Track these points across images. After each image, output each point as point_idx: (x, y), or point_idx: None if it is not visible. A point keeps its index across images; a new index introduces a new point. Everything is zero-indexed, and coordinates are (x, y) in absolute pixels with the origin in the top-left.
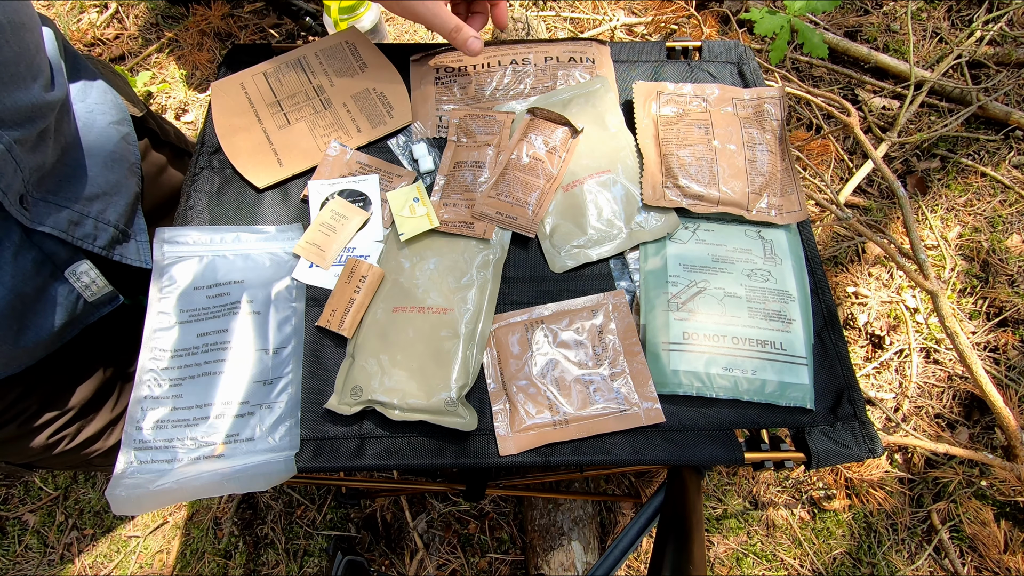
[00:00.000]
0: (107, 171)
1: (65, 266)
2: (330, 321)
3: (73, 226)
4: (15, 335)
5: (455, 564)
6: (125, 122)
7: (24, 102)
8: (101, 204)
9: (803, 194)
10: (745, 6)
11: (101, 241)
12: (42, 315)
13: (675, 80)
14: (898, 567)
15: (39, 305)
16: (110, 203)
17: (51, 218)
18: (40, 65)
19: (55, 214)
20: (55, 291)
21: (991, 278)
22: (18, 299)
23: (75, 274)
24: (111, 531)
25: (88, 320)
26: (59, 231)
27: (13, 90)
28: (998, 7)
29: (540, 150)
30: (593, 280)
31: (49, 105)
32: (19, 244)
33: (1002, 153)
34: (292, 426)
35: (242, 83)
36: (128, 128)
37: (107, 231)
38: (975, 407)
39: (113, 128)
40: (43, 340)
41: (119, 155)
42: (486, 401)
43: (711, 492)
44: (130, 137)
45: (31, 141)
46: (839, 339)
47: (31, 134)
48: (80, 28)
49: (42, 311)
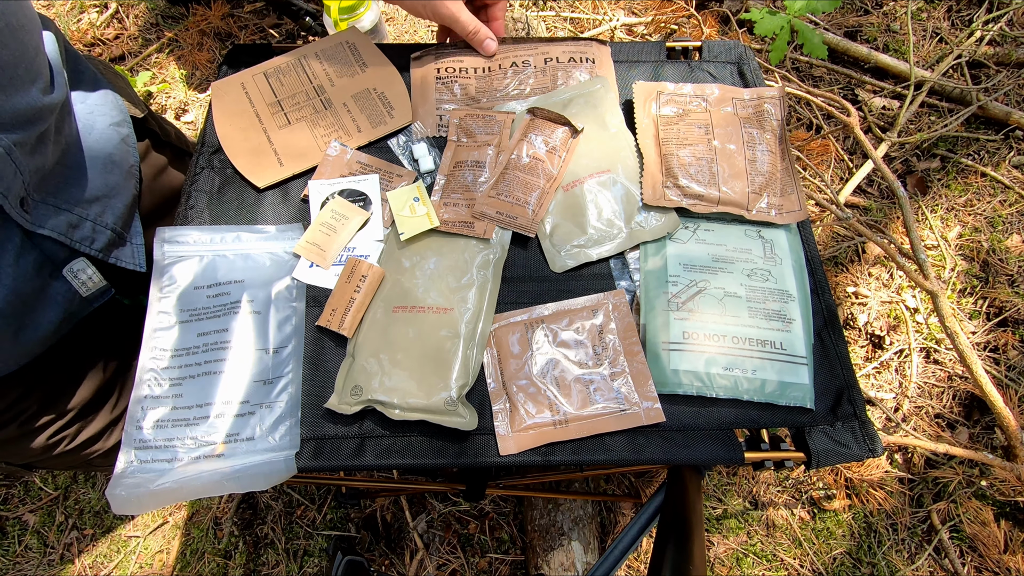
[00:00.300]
0: (106, 174)
1: (63, 265)
2: (330, 321)
3: (72, 229)
4: (14, 333)
5: (455, 564)
6: (125, 124)
7: (23, 105)
8: (99, 207)
9: (803, 194)
10: (745, 6)
11: (99, 244)
12: (40, 313)
13: (675, 80)
14: (898, 567)
15: (38, 303)
16: (108, 206)
17: (51, 221)
18: (40, 68)
19: (54, 217)
20: (54, 289)
21: (991, 278)
22: (18, 299)
23: (72, 272)
24: (111, 531)
25: (82, 314)
26: (58, 234)
27: (12, 93)
28: (998, 7)
29: (540, 150)
30: (593, 280)
31: (48, 108)
32: (20, 246)
33: (1002, 153)
34: (292, 426)
35: (242, 83)
36: (128, 130)
37: (104, 234)
38: (975, 407)
39: (113, 130)
40: (40, 337)
41: (118, 157)
42: (486, 401)
43: (711, 492)
44: (130, 139)
45: (31, 143)
46: (839, 339)
47: (31, 137)
48: (80, 28)
49: (41, 309)
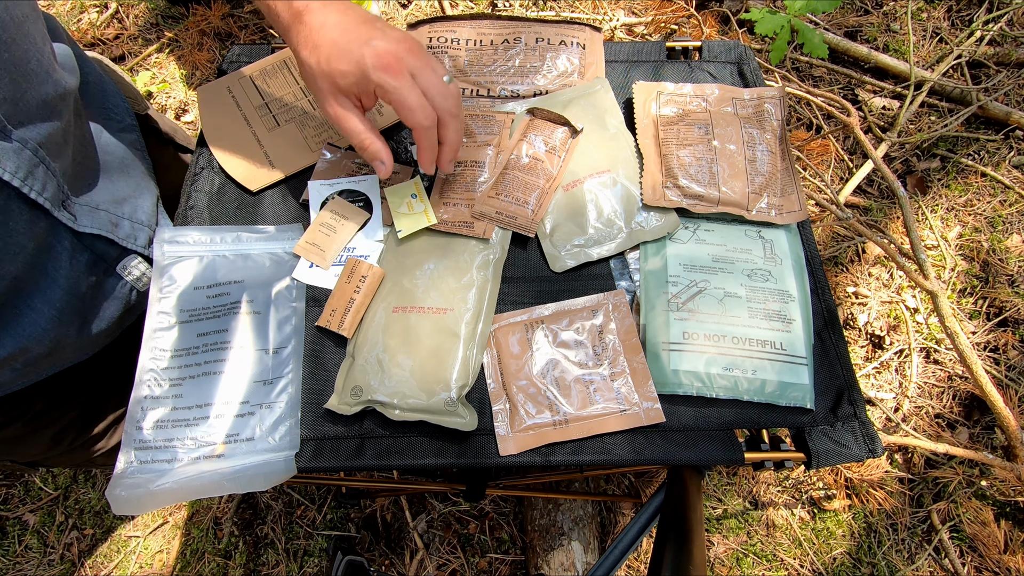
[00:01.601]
0: (125, 175)
1: (115, 263)
2: (330, 321)
3: (113, 227)
4: (77, 329)
5: (455, 564)
6: (132, 128)
7: (42, 96)
8: (130, 207)
9: (803, 194)
10: (745, 6)
11: (142, 240)
12: (101, 308)
13: (675, 80)
14: (898, 567)
15: (96, 300)
16: (137, 205)
17: (94, 221)
18: (49, 56)
19: (95, 216)
20: (110, 286)
21: (991, 278)
22: (75, 297)
23: (126, 269)
24: (111, 531)
25: (142, 307)
26: (105, 231)
27: (27, 88)
28: (998, 7)
29: (540, 150)
30: (593, 280)
31: (68, 91)
32: (72, 248)
33: (1002, 153)
34: (292, 426)
35: (228, 87)
36: (135, 135)
37: (144, 230)
38: (975, 407)
39: (121, 134)
40: (104, 330)
41: (131, 159)
42: (486, 401)
43: (711, 492)
44: (137, 143)
45: (57, 142)
46: (839, 339)
47: (56, 132)
48: (80, 28)
49: (100, 305)
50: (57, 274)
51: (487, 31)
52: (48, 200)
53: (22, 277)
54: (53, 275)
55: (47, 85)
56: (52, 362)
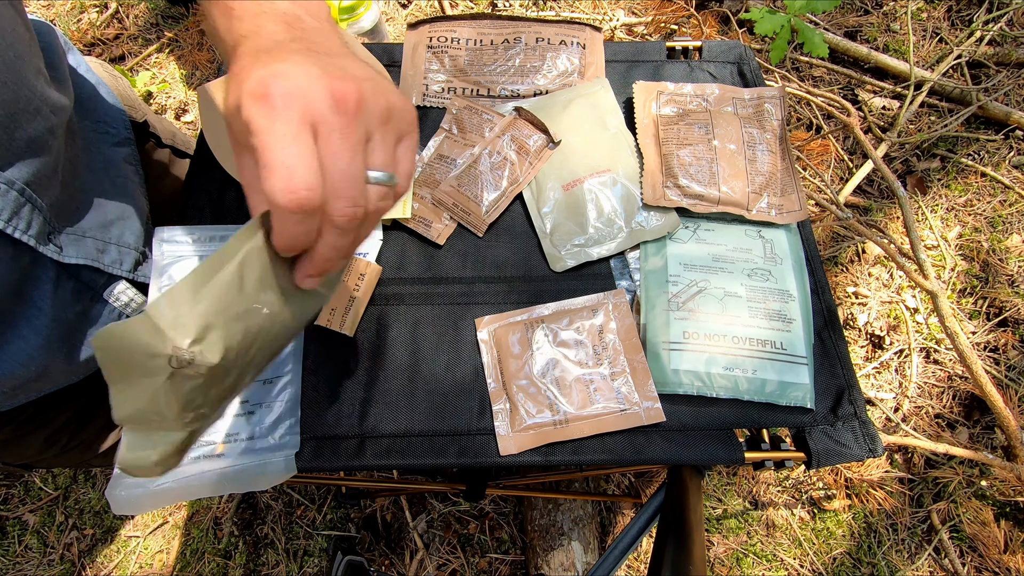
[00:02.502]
0: (115, 194)
1: (103, 290)
2: (330, 320)
3: (100, 254)
4: (66, 355)
5: (455, 564)
6: (127, 141)
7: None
8: (117, 229)
9: (803, 194)
10: (745, 6)
11: (127, 265)
12: (89, 335)
13: (675, 80)
14: (898, 567)
15: (83, 327)
16: (125, 227)
17: (80, 250)
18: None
19: (81, 245)
20: (98, 313)
21: (991, 278)
22: (62, 325)
23: (113, 295)
24: (111, 531)
25: None
26: (91, 260)
27: (15, 129)
28: (998, 7)
29: (513, 151)
30: (593, 280)
31: (58, 124)
32: (56, 278)
33: (1002, 153)
34: (292, 425)
35: None
36: (130, 148)
37: (130, 254)
38: (975, 407)
39: (115, 151)
40: (93, 356)
41: (124, 177)
42: (486, 401)
43: (711, 492)
44: (131, 157)
45: (47, 176)
46: (839, 339)
47: (46, 165)
48: (80, 28)
49: (88, 332)
50: (43, 303)
51: (487, 31)
52: (33, 237)
53: (6, 307)
54: (39, 304)
55: (36, 122)
56: (41, 386)
